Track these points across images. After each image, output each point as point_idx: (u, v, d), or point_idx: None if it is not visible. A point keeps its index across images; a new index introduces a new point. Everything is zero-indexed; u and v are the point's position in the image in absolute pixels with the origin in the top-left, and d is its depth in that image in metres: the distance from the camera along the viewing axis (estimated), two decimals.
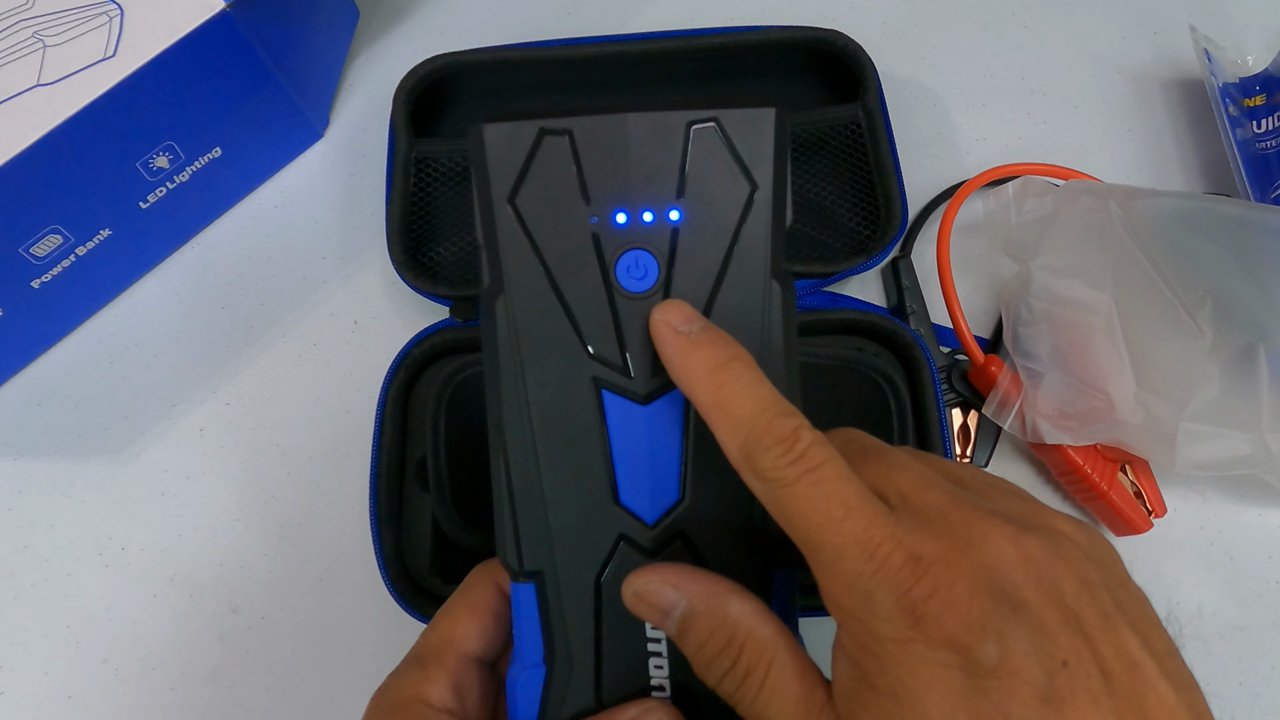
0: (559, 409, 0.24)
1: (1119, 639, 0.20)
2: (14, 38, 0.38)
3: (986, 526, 0.20)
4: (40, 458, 0.43)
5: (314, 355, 0.45)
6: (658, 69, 0.47)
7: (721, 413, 0.22)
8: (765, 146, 0.24)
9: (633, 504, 0.25)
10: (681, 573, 0.23)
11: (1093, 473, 0.40)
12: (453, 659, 0.26)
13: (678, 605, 0.23)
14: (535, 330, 0.24)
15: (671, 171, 0.24)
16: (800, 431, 0.21)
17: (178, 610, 0.41)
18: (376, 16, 0.52)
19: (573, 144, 0.24)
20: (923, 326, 0.44)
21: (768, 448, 0.21)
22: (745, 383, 0.22)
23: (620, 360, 0.25)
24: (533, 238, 0.24)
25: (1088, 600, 0.20)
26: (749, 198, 0.25)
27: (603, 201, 0.24)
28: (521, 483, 0.24)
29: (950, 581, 0.19)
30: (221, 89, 0.41)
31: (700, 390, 0.23)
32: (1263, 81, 0.48)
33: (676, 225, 0.24)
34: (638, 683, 0.25)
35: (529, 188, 0.24)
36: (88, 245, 0.42)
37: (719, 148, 0.24)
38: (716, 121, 0.24)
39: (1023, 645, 0.19)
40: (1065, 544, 0.21)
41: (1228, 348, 0.38)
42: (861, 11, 0.52)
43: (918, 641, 0.19)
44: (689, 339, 0.23)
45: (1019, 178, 0.44)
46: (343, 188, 0.48)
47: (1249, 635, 0.41)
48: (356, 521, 0.41)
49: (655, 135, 0.24)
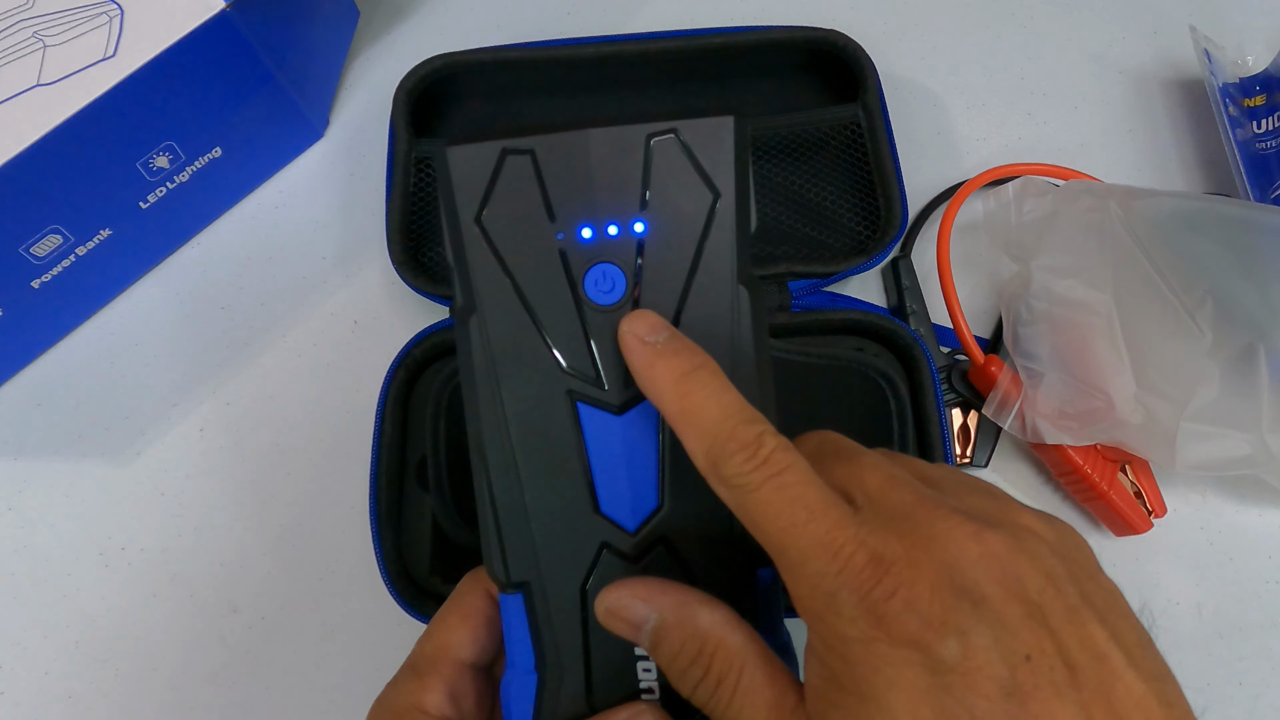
0: (536, 423, 0.25)
1: (1084, 631, 0.20)
2: (14, 38, 0.38)
3: (949, 525, 0.21)
4: (40, 458, 0.43)
5: (314, 355, 0.45)
6: (658, 69, 0.47)
7: (687, 421, 0.22)
8: (725, 154, 0.25)
9: (613, 512, 0.25)
10: (650, 586, 0.24)
11: (1093, 473, 0.40)
12: (448, 667, 0.27)
13: (648, 619, 0.23)
14: (508, 347, 0.25)
15: (634, 184, 0.25)
16: (764, 437, 0.22)
17: (178, 610, 0.41)
18: (376, 16, 0.52)
19: (535, 162, 0.25)
20: (923, 326, 0.44)
21: (732, 454, 0.21)
22: (710, 391, 0.22)
23: (593, 372, 0.25)
24: (500, 256, 0.25)
25: (1051, 594, 0.20)
26: (712, 206, 0.25)
27: (567, 217, 0.25)
28: (504, 496, 0.25)
29: (911, 580, 0.20)
30: (221, 89, 0.41)
31: (666, 399, 0.23)
32: (1263, 81, 0.48)
33: (641, 237, 0.25)
34: (627, 686, 0.25)
35: (494, 207, 0.25)
36: (88, 245, 0.42)
37: (679, 158, 0.25)
38: (675, 132, 0.25)
39: (984, 640, 0.19)
40: (1029, 539, 0.21)
41: (1228, 348, 0.38)
42: (861, 11, 0.52)
43: (881, 641, 0.19)
44: (655, 349, 0.23)
45: (1019, 178, 0.44)
46: (343, 188, 0.48)
47: (1249, 635, 0.41)
48: (356, 521, 0.41)
49: (616, 149, 0.25)
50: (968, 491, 0.23)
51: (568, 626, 0.25)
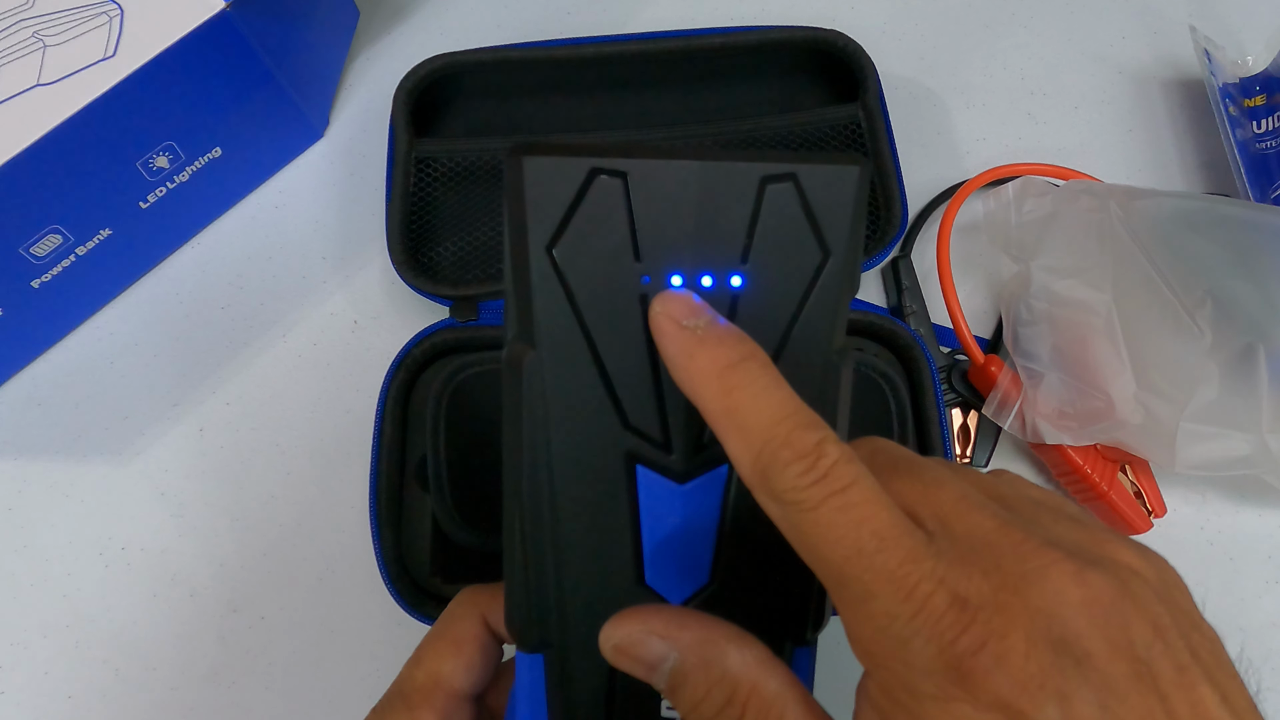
0: (586, 481, 0.22)
1: (1195, 695, 0.17)
2: (14, 38, 0.38)
3: (1043, 561, 0.18)
4: (40, 458, 0.43)
5: (314, 355, 0.45)
6: (658, 69, 0.47)
7: (732, 421, 0.19)
8: (844, 210, 0.22)
9: (658, 585, 0.23)
10: (669, 618, 0.21)
11: (1093, 473, 0.40)
12: (440, 699, 0.25)
13: (666, 658, 0.20)
14: (567, 394, 0.22)
15: (739, 232, 0.22)
16: (825, 445, 0.18)
17: (178, 610, 0.41)
18: (376, 16, 0.52)
19: (626, 189, 0.21)
20: (923, 326, 0.44)
21: (787, 464, 0.18)
22: (761, 386, 0.19)
23: (661, 435, 0.22)
24: (571, 293, 0.21)
25: (1160, 650, 0.17)
26: (820, 266, 0.22)
27: (657, 259, 0.21)
28: (536, 551, 0.22)
29: (1003, 631, 0.17)
30: (221, 89, 0.41)
31: (708, 395, 0.19)
32: (1263, 81, 0.48)
33: (737, 292, 0.22)
34: None
35: (572, 235, 0.21)
36: (88, 245, 0.42)
37: (793, 208, 0.22)
38: (794, 178, 0.21)
39: (1088, 709, 0.16)
40: (1134, 581, 0.18)
41: (1228, 348, 0.38)
42: (861, 11, 0.52)
43: (963, 701, 0.17)
44: (694, 336, 0.20)
45: (1019, 178, 0.44)
46: (342, 188, 0.48)
47: (1249, 635, 0.41)
48: (356, 521, 0.41)
49: (724, 188, 0.21)
50: (1051, 517, 0.20)
51: (590, 700, 0.23)
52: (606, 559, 0.23)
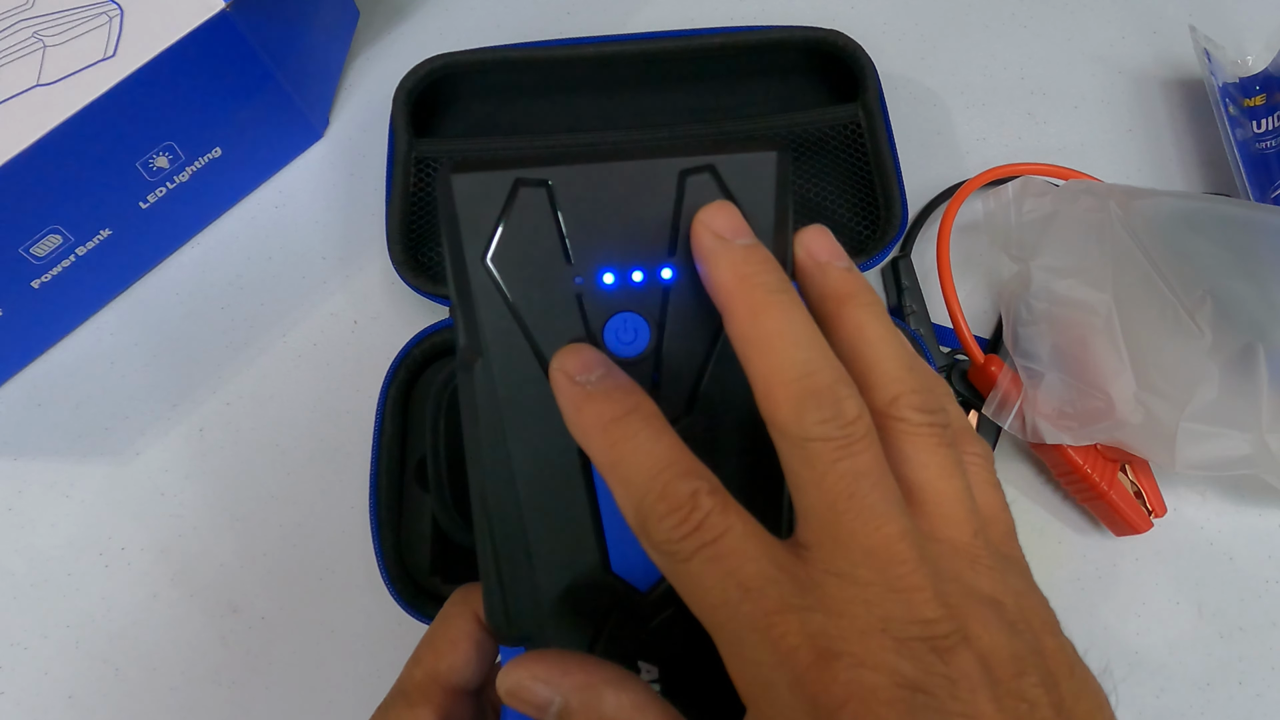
0: (545, 478, 0.23)
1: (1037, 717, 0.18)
2: (14, 38, 0.38)
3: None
4: (40, 458, 0.43)
5: (314, 355, 0.45)
6: (658, 69, 0.47)
7: (616, 474, 0.20)
8: (765, 195, 0.23)
9: (625, 573, 0.24)
10: (552, 665, 0.21)
11: (1093, 473, 0.40)
12: (439, 695, 0.26)
13: (552, 702, 0.21)
14: (518, 397, 0.23)
15: (663, 226, 0.22)
16: (699, 497, 0.19)
17: (178, 610, 0.41)
18: (376, 16, 0.52)
19: (551, 197, 0.22)
20: (923, 326, 0.44)
21: (661, 516, 0.19)
22: (640, 440, 0.20)
23: None
24: (510, 300, 0.22)
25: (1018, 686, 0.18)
26: None
27: (587, 260, 0.22)
28: (507, 548, 0.23)
29: (863, 678, 0.18)
30: (221, 89, 0.41)
31: (594, 448, 0.20)
32: (1263, 81, 0.48)
33: (668, 285, 0.23)
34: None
35: (504, 245, 0.22)
36: (88, 245, 0.42)
37: (715, 198, 0.22)
38: (712, 169, 0.22)
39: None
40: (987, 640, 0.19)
41: (1228, 348, 0.38)
42: (861, 11, 0.52)
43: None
44: (583, 391, 0.21)
45: (1019, 178, 0.44)
46: (343, 188, 0.48)
47: (1249, 635, 0.41)
48: (356, 521, 0.41)
49: (644, 186, 0.22)
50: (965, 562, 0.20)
51: None
52: (573, 551, 0.23)
